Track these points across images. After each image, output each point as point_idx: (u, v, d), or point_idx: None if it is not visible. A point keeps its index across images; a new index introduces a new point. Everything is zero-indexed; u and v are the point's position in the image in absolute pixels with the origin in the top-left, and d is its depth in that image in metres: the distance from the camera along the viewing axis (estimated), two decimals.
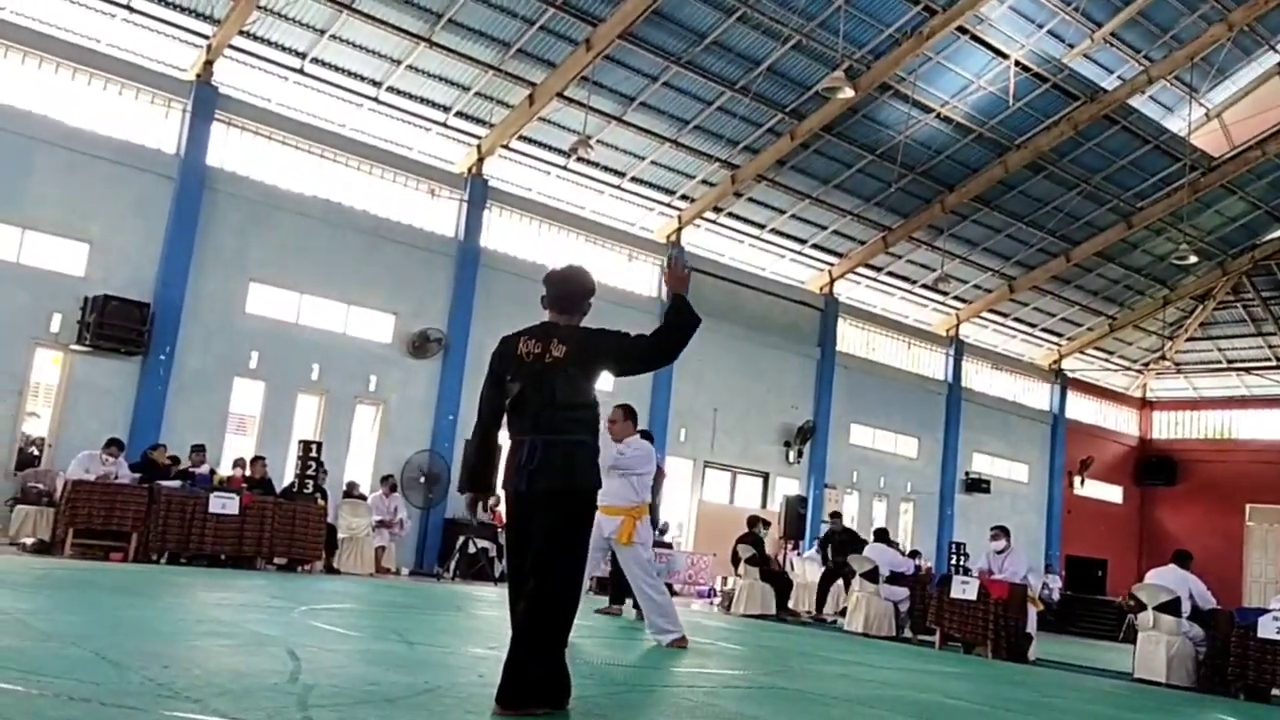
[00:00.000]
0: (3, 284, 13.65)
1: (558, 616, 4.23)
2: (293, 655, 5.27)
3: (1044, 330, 27.42)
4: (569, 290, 4.54)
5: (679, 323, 4.42)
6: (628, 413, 8.18)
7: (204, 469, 13.35)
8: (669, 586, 15.19)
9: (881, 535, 14.83)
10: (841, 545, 15.69)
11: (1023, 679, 9.29)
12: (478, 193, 17.92)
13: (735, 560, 14.81)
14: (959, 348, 25.89)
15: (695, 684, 6.09)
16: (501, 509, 17.58)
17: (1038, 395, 28.32)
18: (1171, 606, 10.61)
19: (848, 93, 16.33)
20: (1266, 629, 9.62)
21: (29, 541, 11.99)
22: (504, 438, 4.53)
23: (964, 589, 11.76)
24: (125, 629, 5.83)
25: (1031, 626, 11.74)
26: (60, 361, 14.38)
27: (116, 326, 14.04)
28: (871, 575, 13.09)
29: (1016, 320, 26.81)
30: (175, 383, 14.74)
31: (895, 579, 13.18)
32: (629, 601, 9.84)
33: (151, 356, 14.51)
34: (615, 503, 7.68)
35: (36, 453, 14.39)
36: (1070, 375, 28.75)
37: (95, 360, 14.25)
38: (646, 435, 9.11)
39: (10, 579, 8.03)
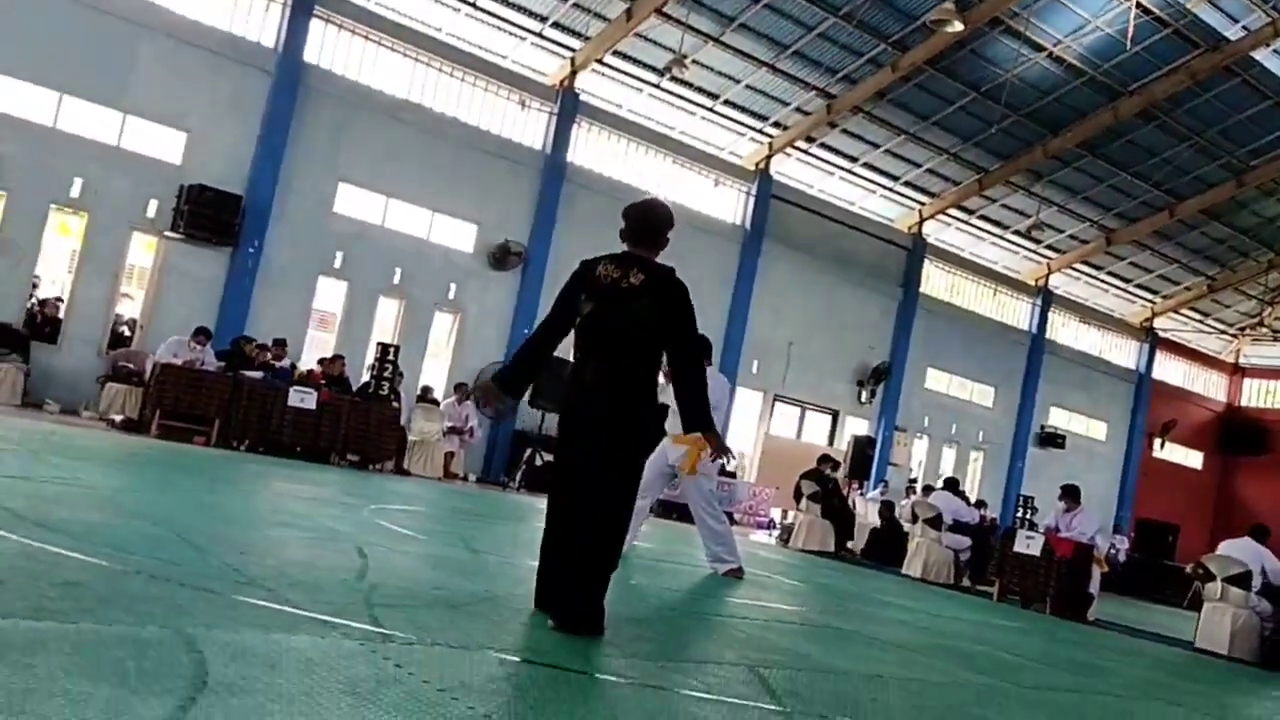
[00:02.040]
0: (105, 168, 14.00)
1: (612, 536, 4.33)
2: (361, 553, 5.43)
3: (1138, 286, 26.57)
4: (648, 224, 4.53)
5: (699, 406, 4.52)
6: (702, 342, 8.14)
7: (285, 362, 13.69)
8: (729, 516, 15.34)
9: (951, 484, 14.70)
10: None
11: (1080, 639, 9.20)
12: (568, 106, 17.78)
13: (798, 495, 14.83)
14: (1047, 298, 25.23)
15: (749, 616, 6.15)
16: None
17: (1124, 352, 27.57)
18: (1241, 580, 10.36)
19: (956, 26, 15.76)
20: None
21: (118, 418, 12.48)
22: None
23: (1028, 544, 11.62)
24: (206, 513, 6.05)
25: (1094, 587, 11.58)
26: (154, 247, 14.78)
27: (209, 217, 14.36)
28: (934, 522, 13.01)
29: (1110, 274, 26.01)
30: (262, 276, 15.07)
31: (958, 528, 13.09)
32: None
33: (241, 248, 14.84)
34: (677, 431, 7.70)
35: (128, 333, 14.91)
36: (1161, 335, 27.88)
37: (188, 248, 14.61)
38: None
39: (102, 455, 8.39)
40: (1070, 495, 12.34)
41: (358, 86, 15.96)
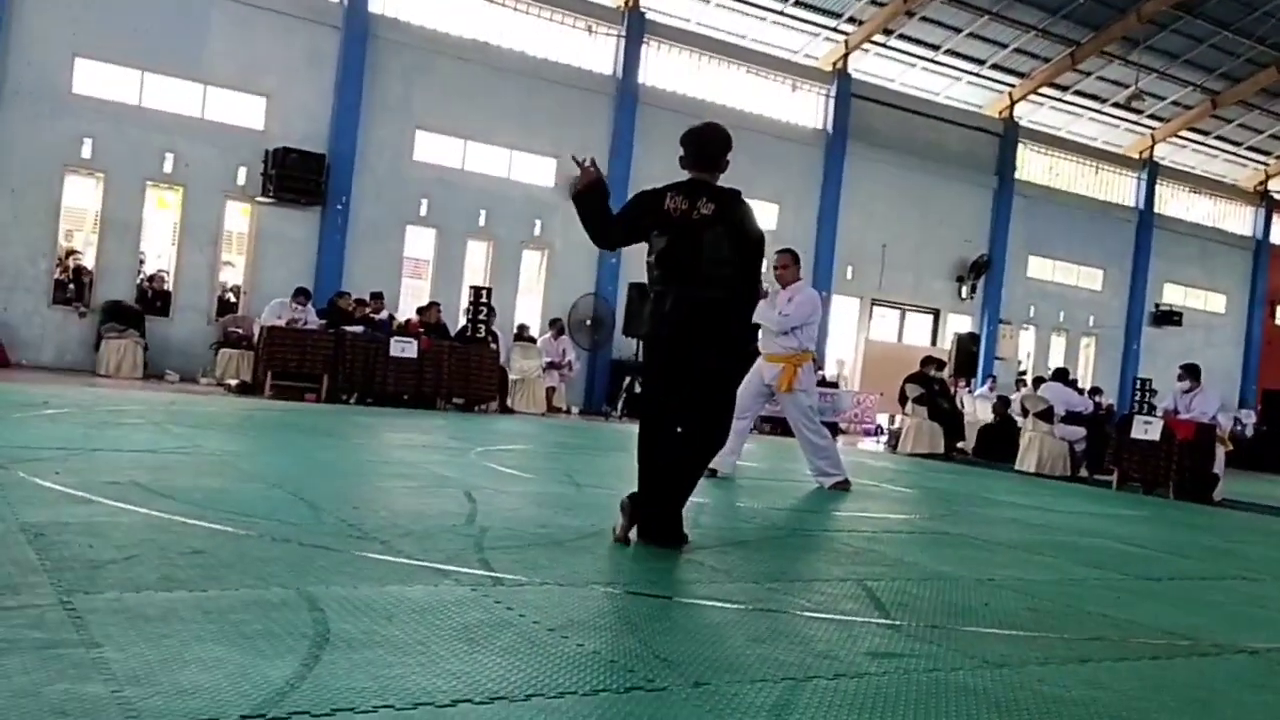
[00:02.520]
0: (193, 140, 14.37)
1: (703, 464, 4.62)
2: (469, 497, 5.58)
3: (1249, 149, 25.16)
4: (707, 147, 4.56)
5: (749, 307, 4.63)
6: (794, 258, 8.03)
7: (383, 315, 14.01)
8: (834, 426, 15.24)
9: (1060, 374, 14.32)
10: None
11: (1205, 522, 8.96)
12: (635, 27, 17.49)
13: (903, 399, 14.65)
14: (1153, 170, 24.10)
15: (856, 528, 6.14)
16: None
17: (1239, 219, 26.26)
18: None
19: None
20: None
21: (233, 383, 12.98)
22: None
23: (1146, 429, 11.31)
24: (320, 471, 6.28)
25: (1219, 467, 11.23)
26: (248, 213, 15.18)
27: (296, 178, 14.65)
28: (1046, 415, 12.73)
29: (1218, 139, 24.66)
30: (352, 231, 15.37)
31: (1071, 418, 12.79)
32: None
33: (329, 206, 15.12)
34: (776, 350, 7.67)
35: (234, 299, 15.42)
36: (1277, 197, 26.43)
37: (279, 211, 14.96)
38: None
39: (220, 421, 8.75)
40: (1190, 374, 11.90)
41: (424, 31, 15.97)
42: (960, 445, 14.71)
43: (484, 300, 13.93)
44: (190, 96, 14.48)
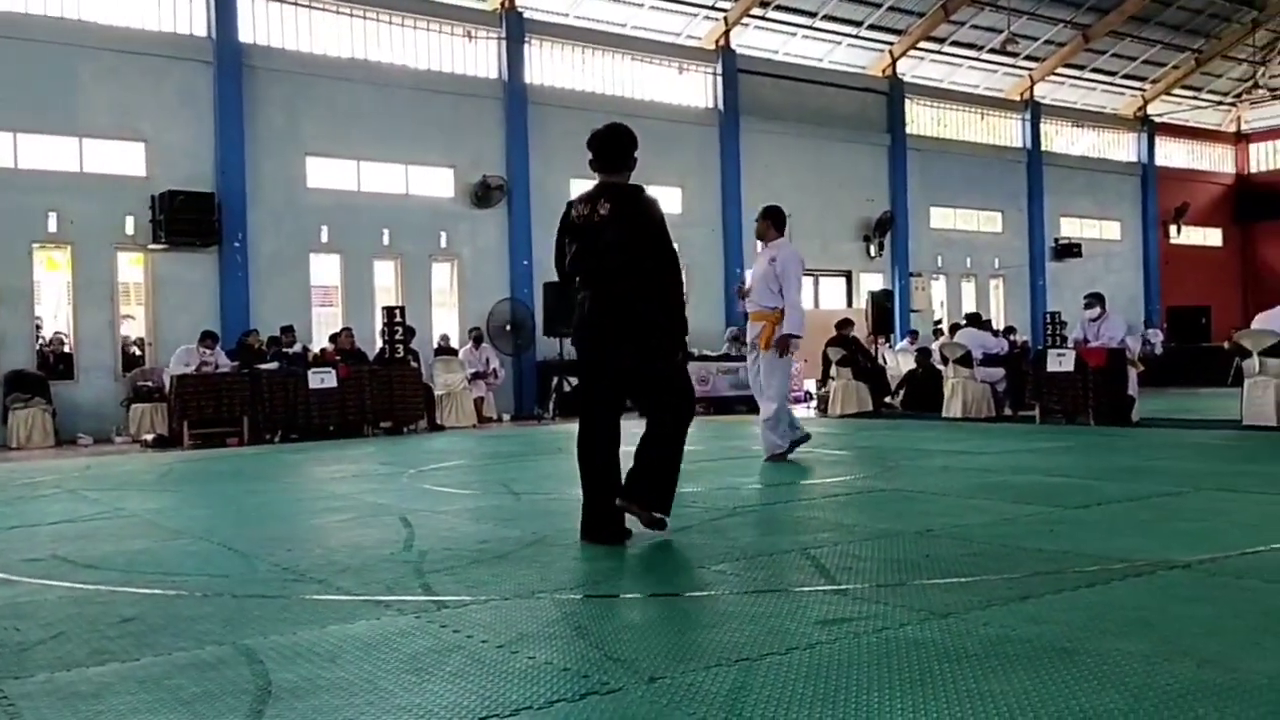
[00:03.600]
0: (75, 195, 13.88)
1: (680, 442, 4.69)
2: (405, 522, 5.50)
3: (1125, 77, 25.94)
4: (610, 150, 4.72)
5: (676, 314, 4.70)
6: (769, 214, 8.07)
7: (297, 348, 13.74)
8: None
9: (974, 319, 14.66)
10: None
11: (1126, 444, 9.24)
12: (514, 27, 17.35)
13: (826, 364, 14.84)
14: (1035, 110, 24.71)
15: (795, 498, 6.20)
16: None
17: (1124, 147, 27.08)
18: (1278, 349, 10.34)
19: None
20: None
21: (149, 438, 12.60)
22: None
23: (1060, 361, 11.61)
24: (248, 517, 6.13)
25: (1133, 389, 11.58)
26: (142, 262, 14.73)
27: (187, 220, 14.23)
28: (965, 360, 13.00)
29: (1095, 71, 25.37)
30: (254, 268, 15.01)
31: (989, 360, 13.08)
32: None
33: (226, 245, 14.75)
34: (757, 308, 7.84)
35: (139, 352, 14.97)
36: (1157, 120, 27.32)
37: (174, 256, 14.55)
38: None
39: (138, 479, 8.49)
40: (1096, 301, 12.24)
41: (301, 55, 15.65)
42: (888, 400, 14.95)
43: (398, 320, 13.73)
44: (67, 151, 13.98)
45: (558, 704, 2.51)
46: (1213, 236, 29.05)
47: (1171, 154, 28.07)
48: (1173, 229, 27.62)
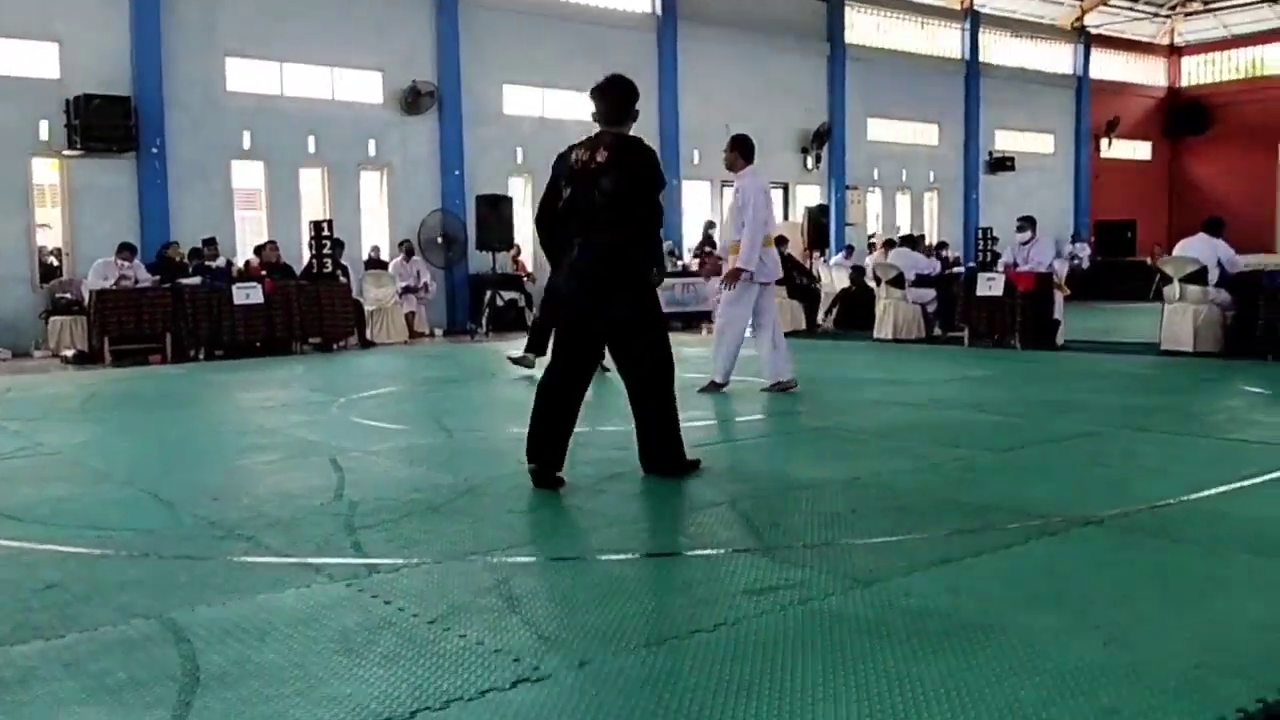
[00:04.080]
0: None
1: (668, 388, 4.89)
2: (335, 465, 5.46)
3: None
4: (610, 100, 4.83)
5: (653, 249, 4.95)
6: (736, 144, 7.91)
7: (220, 261, 13.39)
8: (705, 315, 15.34)
9: (908, 240, 14.78)
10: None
11: (1050, 371, 9.49)
12: None
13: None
14: (975, 19, 24.58)
15: (727, 437, 6.25)
16: (524, 258, 17.57)
17: (1060, 58, 27.12)
18: (1198, 276, 10.61)
19: None
20: None
21: (69, 354, 12.29)
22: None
23: (990, 285, 11.79)
24: (174, 456, 6.03)
25: (1059, 312, 11.84)
26: (58, 168, 14.14)
27: (103, 125, 13.66)
28: (897, 281, 13.13)
29: None
30: (173, 175, 14.49)
31: (921, 281, 13.24)
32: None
33: (144, 151, 14.20)
34: (730, 240, 7.96)
35: (56, 263, 14.48)
36: (1093, 31, 27.36)
37: (90, 163, 13.98)
38: None
39: (61, 405, 8.28)
40: (1028, 224, 12.42)
41: None
42: (820, 319, 15.10)
43: (326, 235, 13.42)
44: None
45: (489, 693, 2.54)
46: (1142, 150, 29.45)
47: (1107, 66, 28.20)
48: (1104, 142, 27.93)
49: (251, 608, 3.23)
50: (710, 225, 18.86)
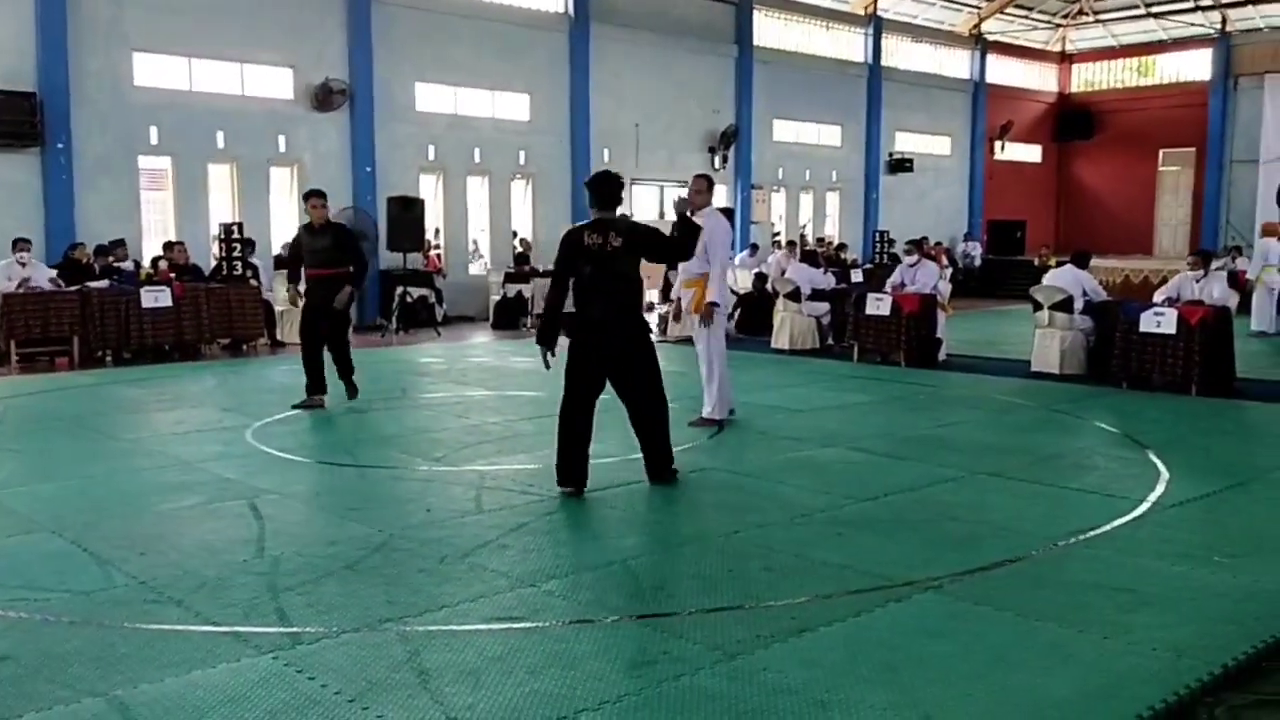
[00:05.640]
0: None
1: (665, 411, 6.40)
2: (256, 512, 5.81)
3: None
4: (604, 192, 6.20)
5: (684, 238, 6.54)
6: (706, 183, 8.28)
7: (128, 263, 13.38)
8: None
9: (807, 256, 15.41)
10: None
11: (929, 397, 10.22)
12: None
13: (667, 287, 15.40)
14: (878, 25, 25.40)
15: (623, 480, 6.69)
16: (435, 254, 17.79)
17: (958, 63, 28.16)
18: (1065, 304, 11.49)
19: None
20: (1147, 323, 10.54)
21: None
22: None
23: (878, 305, 12.51)
24: (98, 497, 6.24)
25: (941, 330, 12.64)
26: None
27: (6, 121, 13.56)
28: (794, 295, 13.79)
29: None
30: (79, 172, 14.38)
31: (816, 295, 13.91)
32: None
33: (49, 147, 14.06)
34: (686, 275, 8.33)
35: None
36: (990, 38, 28.46)
37: None
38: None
39: None
40: (915, 247, 13.27)
41: None
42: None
43: (236, 237, 13.50)
44: None
45: None
46: (1033, 153, 30.77)
47: (1003, 72, 29.36)
48: (998, 145, 29.12)
49: (187, 685, 3.62)
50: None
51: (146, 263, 14.01)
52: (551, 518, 5.77)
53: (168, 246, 13.98)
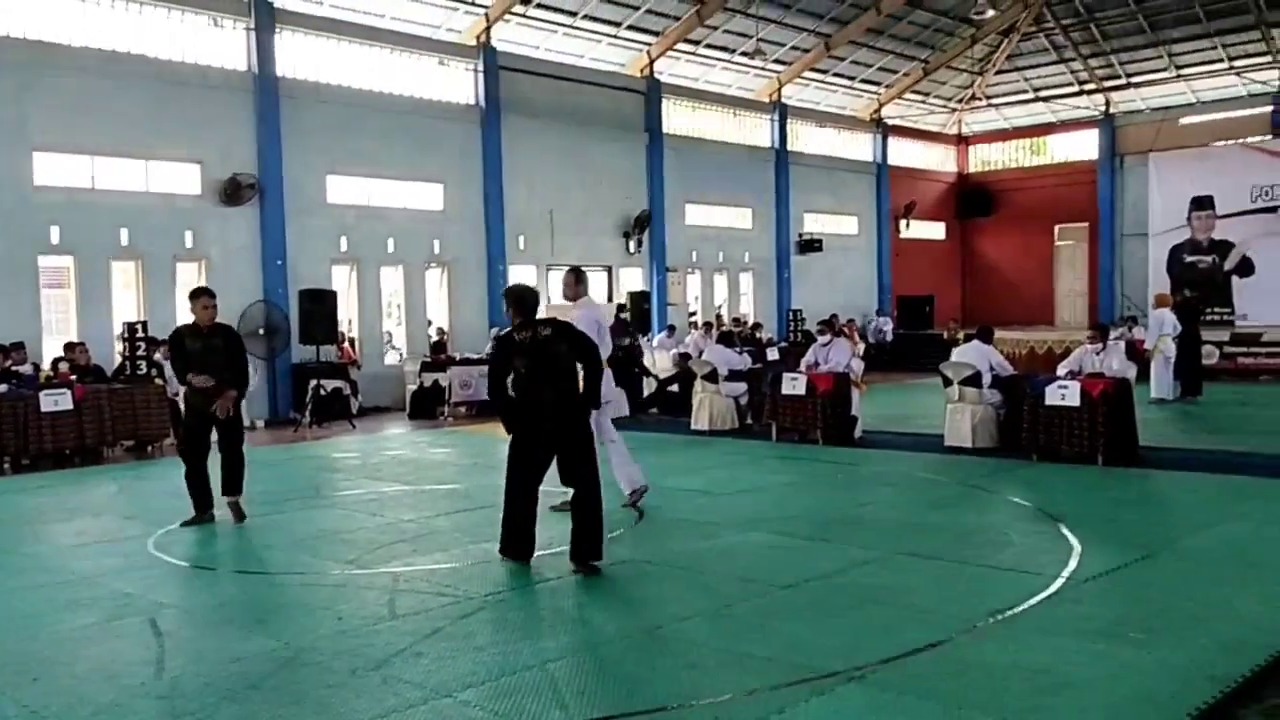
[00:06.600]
0: None
1: (598, 494, 6.61)
2: (155, 629, 5.55)
3: (863, 81, 27.81)
4: (527, 305, 6.71)
5: (593, 384, 6.80)
6: (575, 276, 8.52)
7: (27, 367, 12.93)
8: None
9: (724, 338, 15.57)
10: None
11: (846, 475, 10.31)
12: (264, 17, 16.71)
13: None
14: (783, 111, 26.16)
15: (542, 575, 6.59)
16: (348, 346, 17.55)
17: (861, 146, 29.10)
18: (974, 379, 11.74)
19: None
20: (1052, 397, 10.81)
21: None
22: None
23: (794, 385, 12.65)
24: None
25: (856, 408, 12.80)
26: None
27: None
28: (711, 376, 13.89)
29: (836, 75, 27.08)
30: None
31: (734, 376, 14.03)
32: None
33: None
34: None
35: None
36: (890, 122, 29.51)
37: None
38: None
39: None
40: (827, 327, 13.53)
41: (32, 45, 14.50)
42: (649, 408, 15.78)
43: (140, 336, 13.15)
44: None
45: None
46: (937, 230, 31.77)
47: (903, 154, 30.40)
48: (903, 223, 30.01)
49: None
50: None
51: (46, 364, 13.54)
52: (468, 620, 5.61)
53: (68, 347, 13.56)
